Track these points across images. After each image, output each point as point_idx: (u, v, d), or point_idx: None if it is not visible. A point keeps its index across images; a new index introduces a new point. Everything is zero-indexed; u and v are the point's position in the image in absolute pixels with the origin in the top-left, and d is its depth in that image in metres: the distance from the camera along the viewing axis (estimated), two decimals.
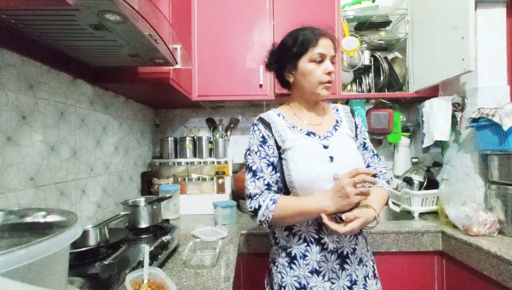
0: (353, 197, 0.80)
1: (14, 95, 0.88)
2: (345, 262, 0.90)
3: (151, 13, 0.79)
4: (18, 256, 0.40)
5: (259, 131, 0.97)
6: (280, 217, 0.88)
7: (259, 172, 0.93)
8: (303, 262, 0.91)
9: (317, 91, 0.95)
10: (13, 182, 0.87)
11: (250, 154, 0.97)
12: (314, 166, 0.88)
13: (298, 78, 0.97)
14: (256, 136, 0.97)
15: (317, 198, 0.85)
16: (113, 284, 0.74)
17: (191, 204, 1.77)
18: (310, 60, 0.93)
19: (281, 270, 0.94)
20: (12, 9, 0.68)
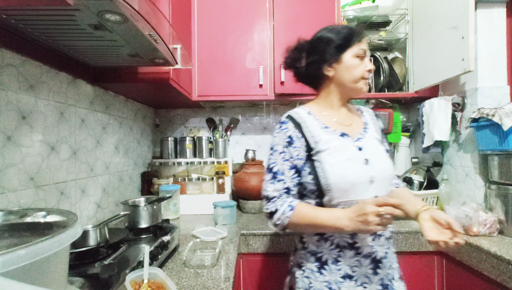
0: (373, 227, 0.76)
1: (14, 95, 0.88)
2: (378, 267, 0.88)
3: (151, 13, 0.79)
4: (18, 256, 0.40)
5: (287, 130, 0.93)
6: (294, 225, 0.87)
7: (280, 175, 0.90)
8: (334, 267, 0.88)
9: (359, 86, 0.94)
10: (13, 182, 0.87)
11: (273, 154, 0.93)
12: (351, 168, 0.85)
13: (340, 72, 0.93)
14: (282, 136, 0.93)
15: (336, 215, 0.82)
16: (113, 284, 0.73)
17: (191, 204, 1.77)
18: (354, 55, 0.92)
19: (309, 275, 0.90)
20: (12, 9, 0.68)
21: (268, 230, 1.42)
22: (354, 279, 0.87)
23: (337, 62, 0.93)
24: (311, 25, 1.70)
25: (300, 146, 0.90)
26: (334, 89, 0.97)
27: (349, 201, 0.85)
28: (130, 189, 1.68)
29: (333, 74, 0.95)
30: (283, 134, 0.93)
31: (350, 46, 0.92)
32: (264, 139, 2.11)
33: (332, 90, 0.98)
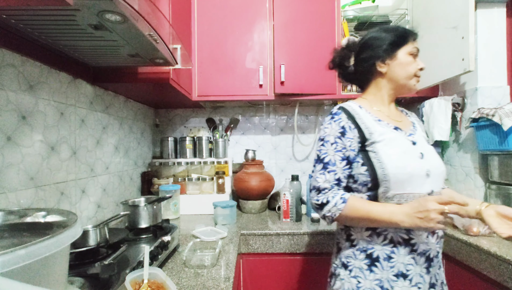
0: (434, 224, 0.75)
1: (14, 95, 0.88)
2: (430, 266, 0.86)
3: (151, 13, 0.79)
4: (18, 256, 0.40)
5: (340, 120, 0.92)
6: (346, 218, 0.86)
7: (331, 165, 0.89)
8: (387, 265, 0.84)
9: (412, 83, 0.96)
10: (13, 182, 0.87)
11: (324, 144, 0.91)
12: (409, 160, 0.86)
13: (394, 68, 0.95)
14: (334, 126, 0.92)
15: (391, 209, 0.81)
16: (113, 284, 0.73)
17: (191, 204, 1.77)
18: (408, 53, 0.94)
19: (358, 274, 0.87)
20: (12, 9, 0.68)
21: (268, 230, 1.42)
22: (409, 279, 0.84)
23: (391, 58, 0.95)
24: (311, 25, 1.70)
25: (352, 137, 0.90)
26: (386, 85, 0.99)
27: (405, 193, 0.84)
28: (130, 189, 1.68)
29: (386, 70, 0.97)
30: (336, 125, 0.92)
31: (405, 44, 0.95)
32: (264, 139, 2.11)
33: (384, 86, 0.99)
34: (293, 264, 1.42)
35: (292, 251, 1.41)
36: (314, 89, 1.71)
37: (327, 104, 2.10)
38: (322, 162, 0.91)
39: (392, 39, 0.94)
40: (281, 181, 2.05)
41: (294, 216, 1.57)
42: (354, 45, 1.04)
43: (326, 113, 2.11)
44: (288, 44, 1.68)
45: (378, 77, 0.99)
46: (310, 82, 1.70)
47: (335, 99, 1.83)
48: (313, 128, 2.11)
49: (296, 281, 1.42)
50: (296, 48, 1.68)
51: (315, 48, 1.70)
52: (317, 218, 1.54)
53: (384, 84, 0.99)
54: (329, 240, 1.40)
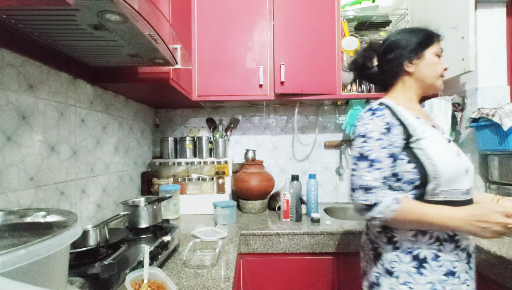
0: (495, 235, 0.74)
1: (14, 95, 0.88)
2: (470, 261, 0.85)
3: (151, 13, 0.79)
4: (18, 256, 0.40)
5: (384, 116, 0.88)
6: (398, 220, 0.82)
7: (377, 163, 0.84)
8: (435, 264, 0.82)
9: (438, 83, 0.98)
10: (13, 182, 0.87)
11: (367, 141, 0.87)
12: (454, 157, 0.86)
13: (422, 68, 0.96)
14: (378, 122, 0.88)
15: (447, 214, 0.79)
16: (113, 284, 0.73)
17: (191, 204, 1.77)
18: (435, 53, 0.96)
19: (408, 280, 0.83)
20: (12, 9, 0.68)
21: (268, 230, 1.42)
22: (457, 276, 0.82)
23: (419, 58, 0.96)
24: (311, 25, 1.70)
25: (397, 133, 0.87)
26: (414, 85, 0.99)
27: (452, 190, 0.84)
28: (130, 189, 1.68)
29: (414, 70, 0.97)
30: (380, 121, 0.88)
31: (432, 44, 0.96)
32: (264, 139, 2.11)
33: (411, 86, 1.00)
34: (293, 264, 1.42)
35: (292, 251, 1.41)
36: (314, 89, 1.71)
37: (327, 104, 2.10)
38: (367, 159, 0.85)
39: (419, 39, 0.95)
40: (281, 181, 2.05)
41: (294, 216, 1.57)
42: (378, 46, 1.04)
43: (326, 113, 2.11)
44: (288, 44, 1.68)
45: (405, 77, 1.00)
46: (310, 82, 1.70)
47: (335, 99, 1.83)
48: (313, 128, 2.11)
49: (296, 281, 1.42)
50: (296, 48, 1.68)
51: (315, 48, 1.70)
52: (317, 218, 1.54)
53: (412, 83, 0.99)
54: (328, 240, 1.40)
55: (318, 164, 2.10)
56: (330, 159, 2.10)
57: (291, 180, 1.66)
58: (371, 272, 0.92)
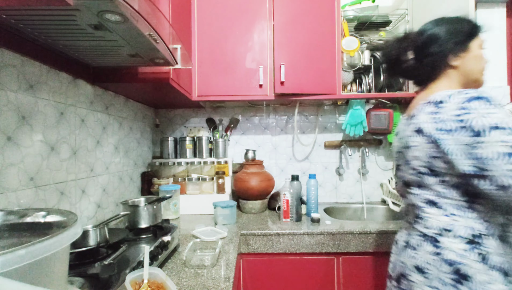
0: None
1: (14, 95, 0.88)
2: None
3: (151, 13, 0.79)
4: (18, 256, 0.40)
5: (500, 105, 0.76)
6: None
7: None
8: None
9: (482, 78, 0.92)
10: (13, 182, 0.87)
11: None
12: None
13: (468, 61, 0.89)
14: (503, 111, 0.74)
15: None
16: (113, 284, 0.73)
17: (191, 204, 1.77)
18: (479, 45, 0.90)
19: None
20: (12, 9, 0.68)
21: (268, 230, 1.42)
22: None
23: (464, 51, 0.89)
24: (311, 25, 1.70)
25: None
26: (458, 80, 0.91)
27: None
28: (130, 189, 1.68)
29: (459, 64, 0.90)
30: (503, 109, 0.74)
31: (476, 36, 0.89)
32: (264, 139, 2.11)
33: (457, 81, 0.92)
34: (293, 264, 1.41)
35: (292, 251, 1.41)
36: (314, 89, 1.71)
37: (327, 104, 2.10)
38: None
39: (466, 30, 0.88)
40: (281, 181, 2.05)
41: (294, 216, 1.57)
42: (416, 37, 0.95)
43: (326, 113, 2.11)
44: (288, 44, 1.68)
45: (449, 71, 0.92)
46: (310, 82, 1.70)
47: (335, 99, 1.83)
48: (313, 128, 2.11)
49: (296, 281, 1.42)
50: (296, 48, 1.68)
51: (315, 48, 1.70)
52: (317, 218, 1.54)
53: (457, 78, 0.92)
54: (329, 240, 1.40)
55: (318, 164, 2.10)
56: (330, 159, 2.10)
57: (291, 180, 1.66)
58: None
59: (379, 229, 1.40)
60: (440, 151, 0.78)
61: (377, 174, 2.09)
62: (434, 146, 0.80)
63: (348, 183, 2.10)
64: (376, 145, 2.08)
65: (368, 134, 2.03)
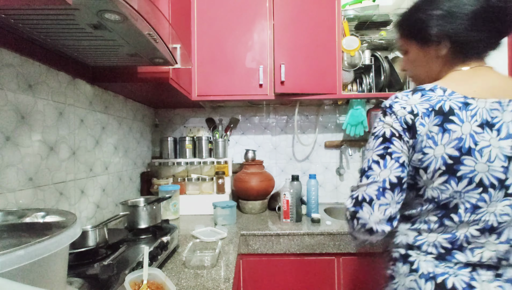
0: None
1: (13, 95, 0.87)
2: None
3: (150, 12, 0.79)
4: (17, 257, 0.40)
5: None
6: None
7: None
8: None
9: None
10: (12, 182, 0.87)
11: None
12: None
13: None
14: None
15: None
16: (112, 284, 0.73)
17: (191, 204, 1.76)
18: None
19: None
20: (11, 8, 0.68)
21: (268, 230, 1.41)
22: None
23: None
24: (311, 24, 1.70)
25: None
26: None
27: None
28: (129, 189, 1.67)
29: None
30: None
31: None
32: (264, 139, 2.11)
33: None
34: (293, 264, 1.41)
35: (292, 252, 1.40)
36: (314, 88, 1.71)
37: (327, 104, 2.10)
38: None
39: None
40: (281, 181, 2.05)
41: (294, 216, 1.57)
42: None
43: (326, 113, 2.11)
44: (288, 43, 1.68)
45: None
46: (310, 82, 1.69)
47: (335, 98, 1.83)
48: (313, 128, 2.10)
49: (296, 282, 1.41)
50: (296, 48, 1.68)
51: (316, 47, 1.70)
52: (317, 219, 1.53)
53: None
54: (329, 241, 1.40)
55: (319, 164, 2.10)
56: (330, 159, 2.10)
57: (291, 180, 1.66)
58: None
59: None
60: None
61: None
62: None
63: (348, 183, 2.10)
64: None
65: (369, 134, 2.03)
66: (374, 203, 0.68)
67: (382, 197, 0.68)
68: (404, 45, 0.81)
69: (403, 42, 0.81)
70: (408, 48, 0.80)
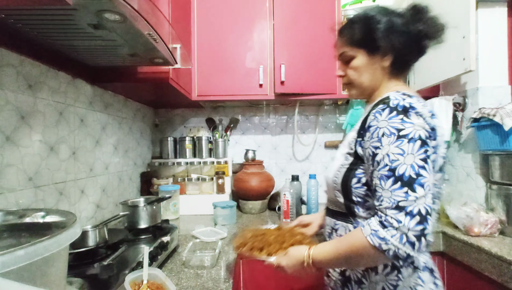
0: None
1: (13, 95, 0.87)
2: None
3: (150, 12, 0.79)
4: (17, 257, 0.40)
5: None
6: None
7: None
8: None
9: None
10: (12, 182, 0.87)
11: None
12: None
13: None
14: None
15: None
16: (112, 284, 0.73)
17: (191, 204, 1.76)
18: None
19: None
20: (11, 8, 0.68)
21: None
22: None
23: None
24: (311, 24, 1.70)
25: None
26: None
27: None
28: (129, 189, 1.67)
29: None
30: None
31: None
32: (264, 139, 2.11)
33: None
34: None
35: None
36: (314, 89, 1.71)
37: (327, 104, 2.10)
38: None
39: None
40: (281, 181, 2.04)
41: (294, 216, 1.57)
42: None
43: (326, 113, 2.11)
44: (288, 43, 1.68)
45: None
46: (310, 82, 1.69)
47: (335, 98, 1.83)
48: (313, 128, 2.10)
49: (296, 282, 1.41)
50: (296, 48, 1.68)
51: (316, 47, 1.70)
52: None
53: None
54: None
55: (319, 164, 2.10)
56: (330, 159, 2.10)
57: (291, 180, 1.66)
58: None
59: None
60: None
61: None
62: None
63: None
64: None
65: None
66: (432, 214, 0.63)
67: (434, 205, 0.65)
68: (349, 52, 0.80)
69: (349, 49, 0.80)
70: (354, 55, 0.80)
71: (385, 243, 0.60)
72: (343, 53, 0.82)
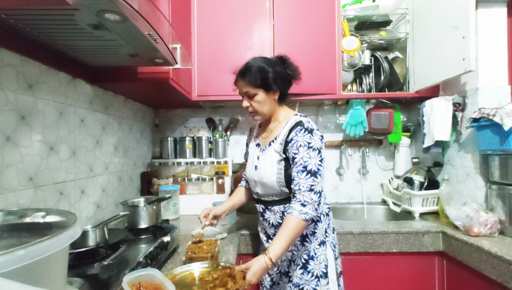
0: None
1: (13, 95, 0.87)
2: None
3: (150, 12, 0.79)
4: (17, 257, 0.40)
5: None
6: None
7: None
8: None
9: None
10: (12, 182, 0.87)
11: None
12: (251, 170, 1.21)
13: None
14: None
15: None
16: (112, 284, 0.73)
17: (191, 204, 1.76)
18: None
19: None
20: (12, 8, 0.68)
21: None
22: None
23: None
24: (311, 24, 1.70)
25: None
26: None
27: (254, 192, 1.27)
28: (129, 189, 1.67)
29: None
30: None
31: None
32: None
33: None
34: None
35: None
36: (314, 89, 1.71)
37: (327, 104, 2.10)
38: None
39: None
40: None
41: None
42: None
43: (326, 113, 2.11)
44: (288, 43, 1.68)
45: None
46: (310, 82, 1.69)
47: (335, 99, 1.83)
48: None
49: None
50: (296, 48, 1.68)
51: (315, 47, 1.70)
52: None
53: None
54: None
55: None
56: (330, 159, 2.10)
57: None
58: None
59: (379, 229, 1.40)
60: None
61: (377, 174, 2.08)
62: None
63: (348, 183, 2.10)
64: (376, 145, 2.08)
65: (369, 134, 2.03)
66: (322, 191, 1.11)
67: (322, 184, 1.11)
68: (252, 91, 1.12)
69: (252, 89, 1.12)
70: (256, 93, 1.12)
71: (309, 215, 0.99)
72: (248, 91, 1.14)
